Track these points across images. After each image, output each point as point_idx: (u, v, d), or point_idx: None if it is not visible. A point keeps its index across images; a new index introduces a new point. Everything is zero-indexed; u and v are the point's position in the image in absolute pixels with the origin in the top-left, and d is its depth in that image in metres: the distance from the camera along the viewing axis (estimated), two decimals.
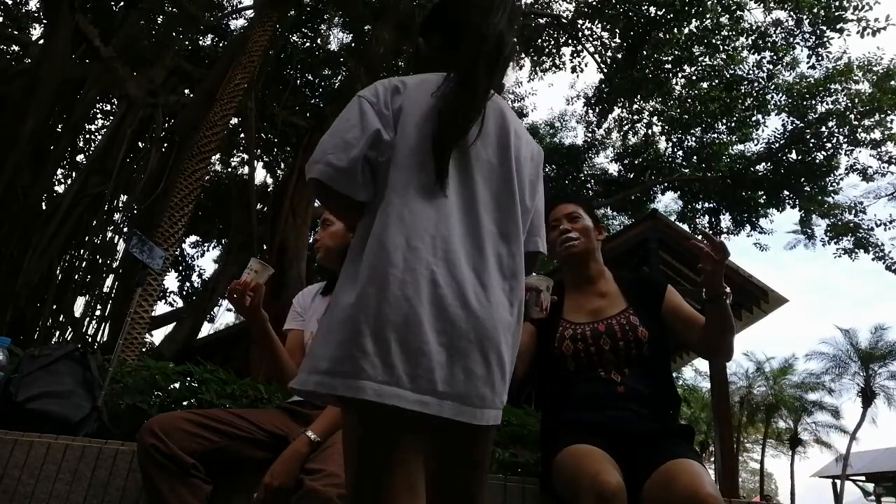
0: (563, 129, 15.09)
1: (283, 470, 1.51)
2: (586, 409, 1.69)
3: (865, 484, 26.04)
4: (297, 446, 1.56)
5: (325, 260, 1.93)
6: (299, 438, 1.59)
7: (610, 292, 1.92)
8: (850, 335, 23.08)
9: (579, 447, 1.51)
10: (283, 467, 1.52)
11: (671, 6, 9.88)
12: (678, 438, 1.62)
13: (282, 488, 1.48)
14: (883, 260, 10.77)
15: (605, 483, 1.31)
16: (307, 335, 1.92)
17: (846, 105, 10.66)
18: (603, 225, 2.02)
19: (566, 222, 1.94)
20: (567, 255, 1.92)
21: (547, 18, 11.72)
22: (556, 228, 1.94)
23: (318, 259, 1.99)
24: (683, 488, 1.31)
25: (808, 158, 10.93)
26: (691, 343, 1.81)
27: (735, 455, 8.94)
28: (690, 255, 6.99)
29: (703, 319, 1.73)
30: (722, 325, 1.67)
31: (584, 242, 1.92)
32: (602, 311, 1.86)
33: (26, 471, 1.96)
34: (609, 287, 1.94)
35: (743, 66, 11.10)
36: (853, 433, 23.13)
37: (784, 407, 26.72)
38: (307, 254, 8.78)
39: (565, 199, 2.09)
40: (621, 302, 1.88)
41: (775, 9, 10.51)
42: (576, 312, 1.89)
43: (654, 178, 12.70)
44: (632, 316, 1.81)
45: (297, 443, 1.58)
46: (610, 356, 1.75)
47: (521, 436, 2.41)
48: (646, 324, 1.79)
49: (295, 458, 1.53)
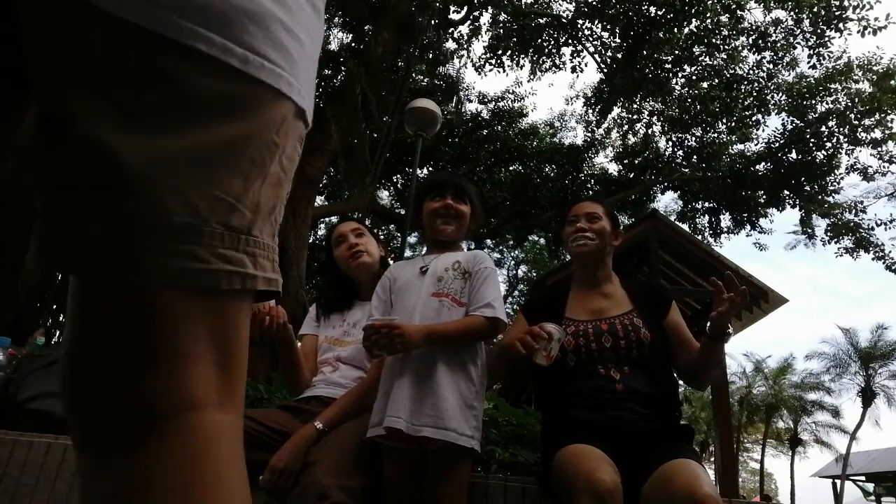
0: (563, 129, 15.08)
1: (290, 453, 1.56)
2: (586, 408, 1.69)
3: (865, 484, 26.03)
4: (304, 432, 1.63)
5: (363, 268, 2.04)
6: (306, 426, 1.66)
7: (615, 294, 1.93)
8: (850, 334, 23.10)
9: (577, 447, 1.52)
10: (290, 450, 1.57)
11: (671, 6, 9.87)
12: (678, 438, 1.63)
13: (287, 470, 1.53)
14: (883, 260, 10.76)
15: (600, 481, 1.31)
16: (321, 339, 2.06)
17: (846, 105, 10.65)
18: (621, 232, 2.02)
19: (584, 220, 1.95)
20: (577, 252, 1.94)
21: (547, 18, 11.71)
22: (574, 224, 1.96)
23: (355, 263, 2.05)
24: (681, 488, 1.31)
25: (808, 158, 10.93)
26: (677, 365, 1.84)
27: (735, 455, 8.95)
28: (691, 255, 7.02)
29: (696, 346, 1.77)
30: (713, 361, 1.72)
31: (597, 244, 1.93)
32: (606, 310, 1.87)
33: (26, 471, 1.96)
34: (615, 290, 1.95)
35: (743, 65, 11.09)
36: (853, 433, 23.14)
37: (784, 407, 26.73)
38: (307, 254, 8.78)
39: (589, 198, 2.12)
40: (626, 304, 1.88)
41: (775, 8, 10.51)
42: (579, 310, 1.90)
43: (654, 178, 12.69)
44: (636, 318, 1.82)
45: (305, 429, 1.64)
46: (610, 354, 1.75)
47: (521, 436, 2.41)
48: (649, 327, 1.79)
49: (302, 443, 1.60)
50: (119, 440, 0.45)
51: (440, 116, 6.40)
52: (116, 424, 0.46)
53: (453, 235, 1.87)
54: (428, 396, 1.54)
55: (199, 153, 0.44)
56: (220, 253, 0.47)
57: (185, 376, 0.47)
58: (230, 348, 0.50)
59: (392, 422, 1.51)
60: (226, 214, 0.47)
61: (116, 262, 0.43)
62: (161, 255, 0.44)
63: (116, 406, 0.46)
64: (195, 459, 0.46)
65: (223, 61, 0.44)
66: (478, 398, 1.63)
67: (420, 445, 1.57)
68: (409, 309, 1.70)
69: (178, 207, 0.44)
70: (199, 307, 0.47)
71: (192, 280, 0.45)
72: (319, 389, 1.88)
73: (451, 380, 1.58)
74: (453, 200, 1.86)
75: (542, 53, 12.18)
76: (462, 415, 1.55)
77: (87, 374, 0.47)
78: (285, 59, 0.49)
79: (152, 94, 0.43)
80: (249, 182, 0.48)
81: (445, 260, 1.79)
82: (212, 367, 0.48)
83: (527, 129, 13.69)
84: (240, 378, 0.52)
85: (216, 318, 0.48)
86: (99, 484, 0.46)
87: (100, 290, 0.46)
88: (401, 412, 1.51)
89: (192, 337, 0.47)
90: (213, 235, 0.46)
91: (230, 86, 0.45)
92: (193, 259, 0.45)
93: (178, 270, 0.45)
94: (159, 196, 0.43)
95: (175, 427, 0.46)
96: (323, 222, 12.40)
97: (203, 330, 0.48)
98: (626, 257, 7.43)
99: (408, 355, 1.59)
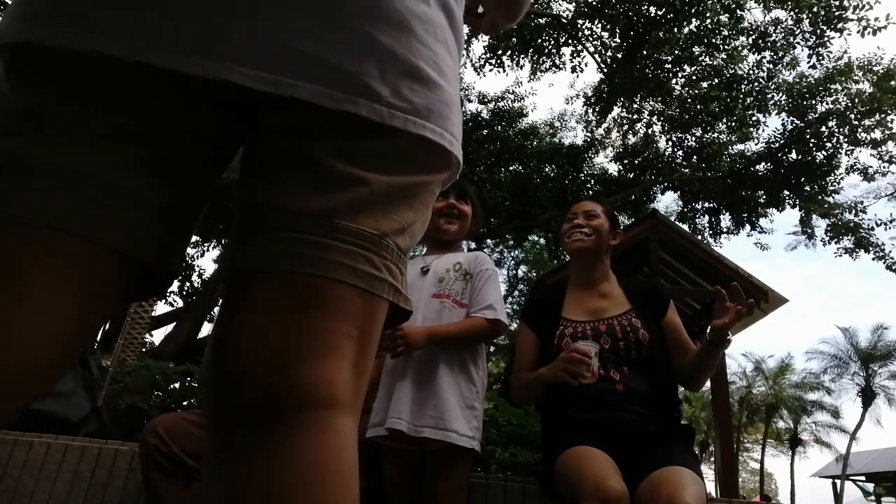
0: (563, 129, 15.08)
1: None
2: (587, 409, 1.69)
3: (865, 484, 26.04)
4: None
5: None
6: None
7: (612, 294, 1.92)
8: (850, 334, 23.10)
9: (582, 449, 1.52)
10: None
11: (671, 6, 9.87)
12: (677, 440, 1.63)
13: None
14: (883, 260, 10.76)
15: (610, 489, 1.31)
16: None
17: (846, 105, 10.65)
18: (619, 232, 2.02)
19: (582, 218, 1.96)
20: (572, 247, 1.94)
21: (547, 18, 11.71)
22: (571, 221, 1.97)
23: None
24: (663, 499, 1.32)
25: (808, 158, 10.92)
26: (673, 366, 1.84)
27: (735, 455, 8.94)
28: (691, 255, 7.02)
29: (693, 348, 1.78)
30: (710, 365, 1.73)
31: (593, 241, 1.92)
32: (603, 310, 1.87)
33: (26, 471, 1.96)
34: (612, 289, 1.94)
35: (743, 65, 11.09)
36: (853, 433, 23.14)
37: (784, 407, 26.73)
38: None
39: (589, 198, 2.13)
40: (624, 304, 1.88)
41: (775, 8, 10.51)
42: (576, 311, 1.90)
43: (654, 178, 12.69)
44: (634, 318, 1.82)
45: None
46: (610, 356, 1.75)
47: (521, 436, 2.41)
48: (647, 327, 1.79)
49: None
50: (261, 424, 0.46)
51: None
52: (266, 406, 0.47)
53: (456, 235, 1.88)
54: (429, 397, 1.54)
55: (394, 189, 0.56)
56: (388, 265, 0.55)
57: (335, 370, 0.50)
58: (367, 352, 0.54)
59: (394, 423, 1.51)
60: (398, 236, 0.57)
61: (319, 262, 0.50)
62: (352, 256, 0.52)
63: (267, 390, 0.47)
64: (328, 461, 0.47)
65: (438, 143, 0.58)
66: (478, 398, 1.63)
67: (420, 446, 1.57)
68: None
69: (371, 224, 0.54)
70: (360, 307, 0.53)
71: (366, 282, 0.53)
72: None
73: (452, 381, 1.59)
74: (456, 200, 1.88)
75: (542, 53, 12.17)
76: (463, 415, 1.55)
77: (245, 357, 0.49)
78: (457, 131, 0.63)
79: (371, 143, 0.55)
80: (416, 215, 0.60)
81: (446, 261, 1.80)
82: (352, 367, 0.51)
83: (527, 129, 13.68)
84: (365, 383, 0.55)
85: (367, 320, 0.54)
86: (232, 465, 0.47)
87: (271, 280, 0.50)
88: (402, 413, 1.51)
89: (346, 332, 0.51)
90: (388, 249, 0.55)
91: (432, 152, 0.59)
92: (371, 265, 0.53)
93: (359, 272, 0.52)
94: (361, 212, 0.54)
95: (316, 421, 0.48)
96: None
97: (355, 329, 0.52)
98: (626, 257, 7.43)
99: (409, 356, 1.59)
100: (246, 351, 0.49)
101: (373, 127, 0.53)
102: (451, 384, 1.58)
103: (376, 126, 0.53)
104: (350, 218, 0.53)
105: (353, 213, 0.53)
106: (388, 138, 0.55)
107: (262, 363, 0.48)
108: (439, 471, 1.55)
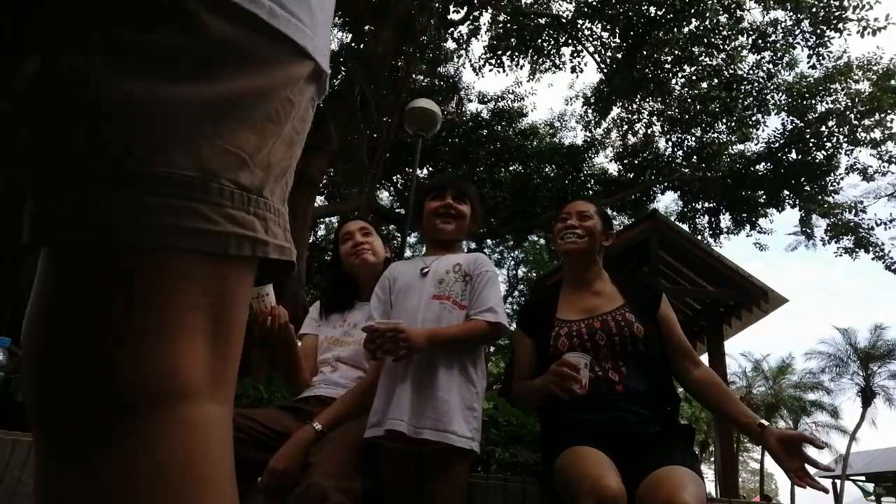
0: (563, 129, 15.08)
1: (288, 455, 1.55)
2: (586, 409, 1.69)
3: (865, 484, 26.04)
4: (302, 434, 1.62)
5: (366, 266, 2.04)
6: (304, 427, 1.64)
7: (606, 291, 1.93)
8: (849, 334, 23.10)
9: (582, 449, 1.52)
10: (288, 452, 1.56)
11: (671, 6, 9.88)
12: (677, 440, 1.63)
13: (286, 472, 1.52)
14: (883, 260, 10.77)
15: (607, 488, 1.31)
16: (321, 339, 2.05)
17: (846, 105, 10.66)
18: (612, 233, 2.02)
19: (574, 218, 1.96)
20: (565, 248, 1.94)
21: (547, 18, 11.71)
22: (564, 221, 1.97)
23: (358, 259, 2.05)
24: (662, 498, 1.32)
25: (808, 158, 10.93)
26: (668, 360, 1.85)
27: (735, 455, 8.94)
28: (691, 255, 7.01)
29: (686, 346, 1.83)
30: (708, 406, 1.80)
31: (586, 242, 1.92)
32: (597, 308, 1.87)
33: (26, 471, 1.96)
34: (605, 287, 1.94)
35: (743, 65, 11.10)
36: (853, 433, 23.14)
37: (784, 407, 26.74)
38: (307, 254, 8.78)
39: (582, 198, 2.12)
40: (617, 300, 1.89)
41: (774, 8, 10.51)
42: (570, 311, 1.90)
43: (654, 178, 12.69)
44: (627, 313, 1.82)
45: (303, 431, 1.63)
46: (606, 352, 1.75)
47: (521, 436, 2.41)
48: (642, 322, 1.79)
49: (300, 444, 1.58)
50: (92, 435, 0.37)
51: (440, 116, 6.40)
52: (90, 416, 0.38)
53: (453, 234, 1.88)
54: (429, 399, 1.54)
55: (211, 103, 0.40)
56: (228, 213, 0.41)
57: (176, 355, 0.39)
58: (228, 326, 0.43)
59: (394, 424, 1.51)
60: (236, 171, 0.42)
61: (117, 226, 0.38)
62: (163, 212, 0.38)
63: (91, 392, 0.38)
64: (184, 461, 0.39)
65: (249, 11, 0.41)
66: (478, 399, 1.63)
67: (419, 446, 1.57)
68: (410, 311, 1.70)
69: (184, 160, 0.39)
70: (200, 274, 0.41)
71: (196, 241, 0.40)
72: (319, 389, 1.88)
73: (451, 382, 1.59)
74: (453, 200, 1.88)
75: (542, 54, 12.18)
76: (462, 416, 1.55)
77: (58, 356, 0.39)
78: (310, 18, 0.46)
79: (165, 36, 0.39)
80: (263, 139, 0.44)
81: (446, 262, 1.80)
82: (206, 346, 0.41)
83: (527, 129, 13.69)
84: (234, 363, 0.45)
85: (217, 287, 0.42)
86: (61, 488, 0.38)
87: (78, 256, 0.39)
88: (402, 414, 1.52)
89: (187, 306, 0.40)
90: (222, 193, 0.41)
91: (253, 37, 0.42)
92: (199, 218, 0.39)
93: (181, 229, 0.39)
94: (164, 146, 0.38)
95: (161, 419, 0.38)
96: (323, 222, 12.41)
97: (200, 300, 0.41)
98: (626, 257, 7.43)
99: (408, 358, 1.59)
100: (64, 347, 0.39)
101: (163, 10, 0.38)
102: (451, 385, 1.58)
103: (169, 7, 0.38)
104: (148, 158, 0.38)
105: (152, 150, 0.38)
106: (193, 28, 0.39)
107: (81, 362, 0.38)
108: (437, 471, 1.55)
